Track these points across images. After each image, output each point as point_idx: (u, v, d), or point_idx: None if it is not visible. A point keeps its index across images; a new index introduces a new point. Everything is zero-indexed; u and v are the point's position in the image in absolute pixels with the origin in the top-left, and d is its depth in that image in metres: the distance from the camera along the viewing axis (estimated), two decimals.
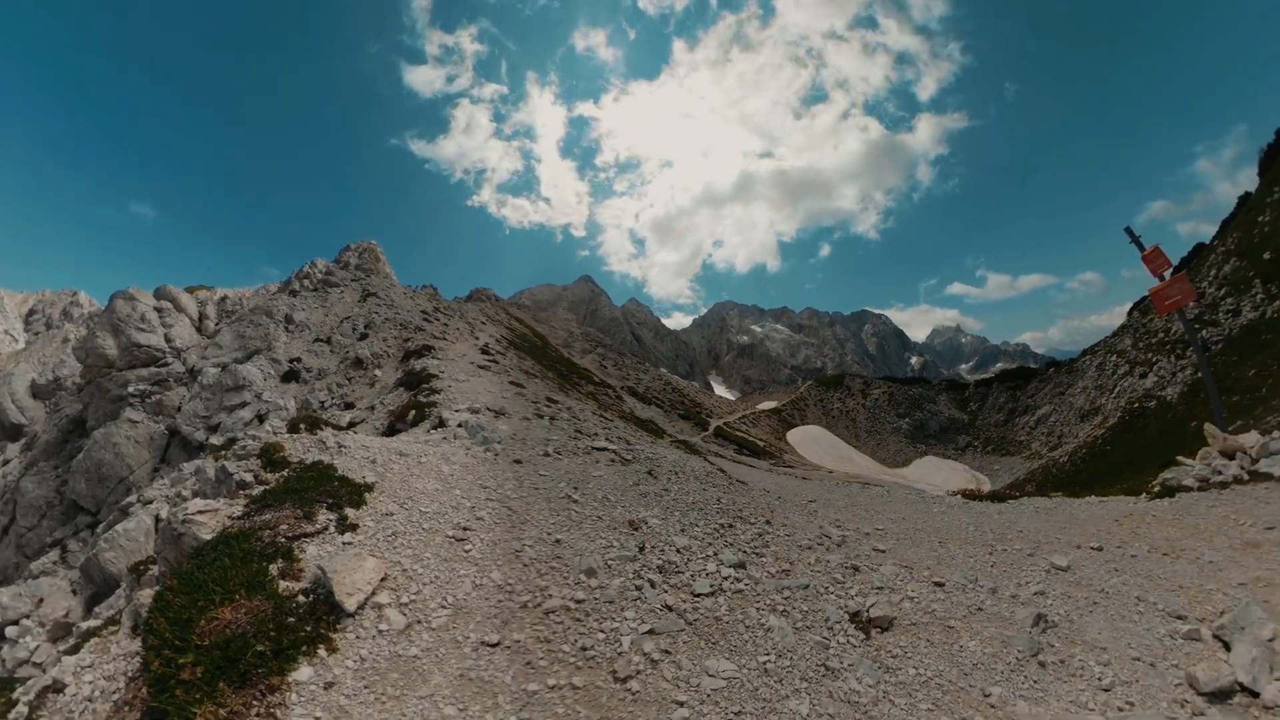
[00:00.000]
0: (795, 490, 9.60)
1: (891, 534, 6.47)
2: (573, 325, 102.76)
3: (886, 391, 69.60)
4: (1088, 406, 40.33)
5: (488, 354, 26.22)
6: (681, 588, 5.13)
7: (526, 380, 22.31)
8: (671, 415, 55.88)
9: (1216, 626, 4.02)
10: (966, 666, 4.13)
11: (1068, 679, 3.90)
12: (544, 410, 14.50)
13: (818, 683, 4.01)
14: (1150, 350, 33.48)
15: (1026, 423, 50.56)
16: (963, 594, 5.05)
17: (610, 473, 8.22)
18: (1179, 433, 18.53)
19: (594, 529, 5.95)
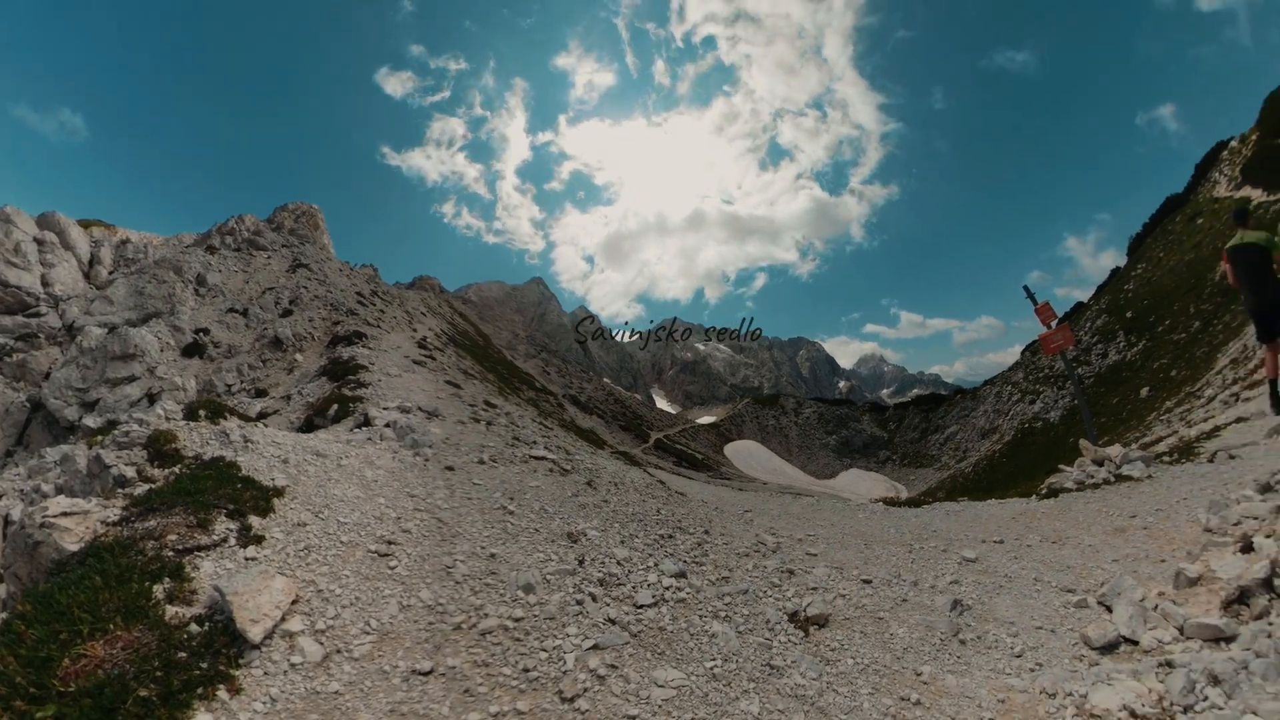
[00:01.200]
0: (732, 501, 9.80)
1: (822, 539, 6.78)
2: (518, 327, 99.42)
3: (817, 411, 76.40)
4: (988, 426, 47.93)
5: (425, 349, 23.84)
6: (624, 600, 5.02)
7: (464, 381, 20.55)
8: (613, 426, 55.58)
9: (1099, 595, 4.62)
10: (898, 651, 4.39)
11: (985, 651, 4.29)
12: (481, 414, 13.62)
13: (764, 682, 4.06)
14: (1038, 382, 41.63)
15: (937, 440, 57.83)
16: (889, 588, 5.38)
17: (549, 483, 7.96)
18: (1060, 447, 22.98)
19: (531, 542, 5.70)
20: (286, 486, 5.68)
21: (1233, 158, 32.42)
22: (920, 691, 3.89)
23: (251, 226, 36.35)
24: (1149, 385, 23.35)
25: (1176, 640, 3.85)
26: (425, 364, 20.17)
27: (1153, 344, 27.57)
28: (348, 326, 23.10)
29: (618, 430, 56.91)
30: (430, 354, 22.92)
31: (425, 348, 24.13)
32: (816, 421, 74.73)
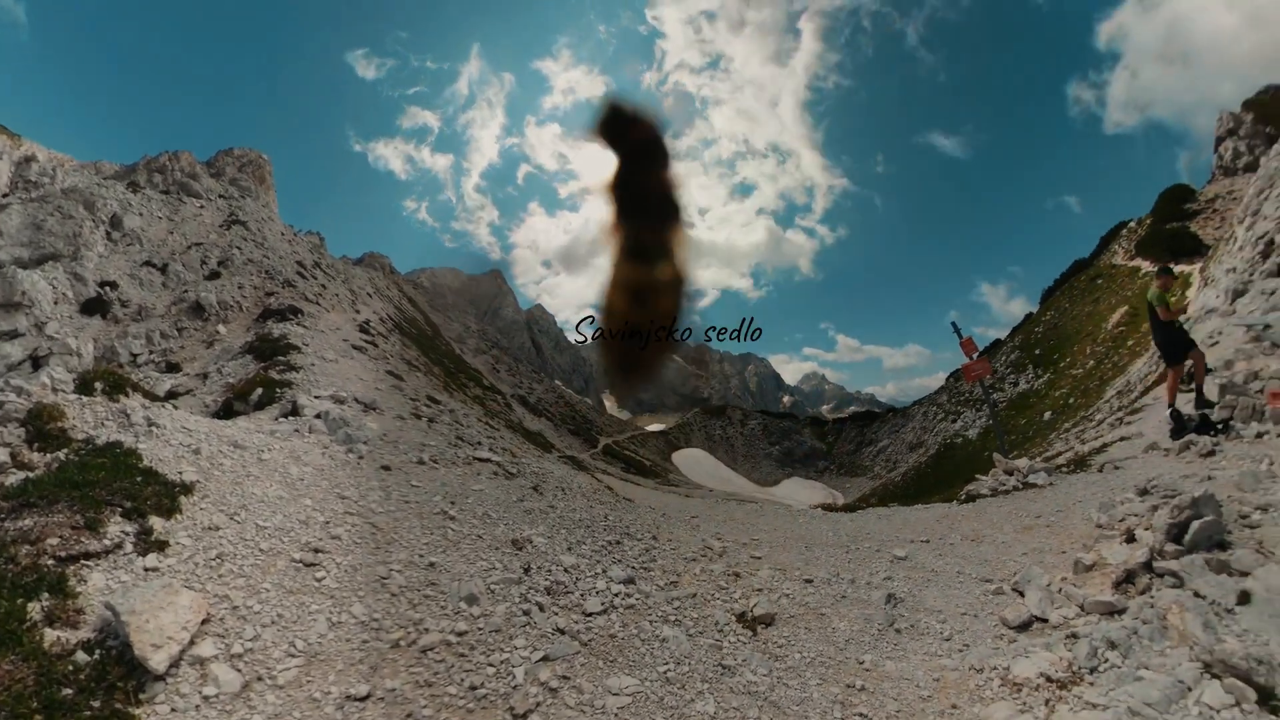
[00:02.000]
0: (679, 507, 9.88)
1: (765, 543, 6.99)
2: (471, 320, 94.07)
3: (762, 423, 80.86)
4: (915, 441, 53.42)
5: (367, 333, 21.70)
6: (572, 608, 4.91)
7: (408, 372, 18.90)
8: (561, 430, 54.31)
9: (1013, 583, 5.13)
10: (840, 643, 4.62)
11: (919, 638, 4.62)
12: (423, 410, 12.71)
13: (718, 681, 4.11)
14: (959, 404, 47.92)
15: (871, 452, 63.26)
16: (829, 586, 5.64)
17: (492, 486, 7.65)
18: (977, 460, 26.41)
19: (474, 549, 5.44)
20: (197, 482, 5.05)
21: (1130, 235, 40.42)
22: (864, 678, 4.12)
23: (187, 167, 31.23)
24: (1051, 410, 28.20)
25: (1079, 616, 4.37)
26: (366, 350, 18.31)
27: (1055, 376, 33.46)
28: (283, 299, 20.29)
29: (566, 434, 55.87)
30: (373, 339, 20.89)
31: (368, 332, 21.92)
32: (761, 432, 78.52)
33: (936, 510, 8.26)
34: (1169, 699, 3.18)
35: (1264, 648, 3.43)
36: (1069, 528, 6.10)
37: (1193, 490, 4.88)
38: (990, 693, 3.73)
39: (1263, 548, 4.50)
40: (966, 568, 5.71)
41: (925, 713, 3.69)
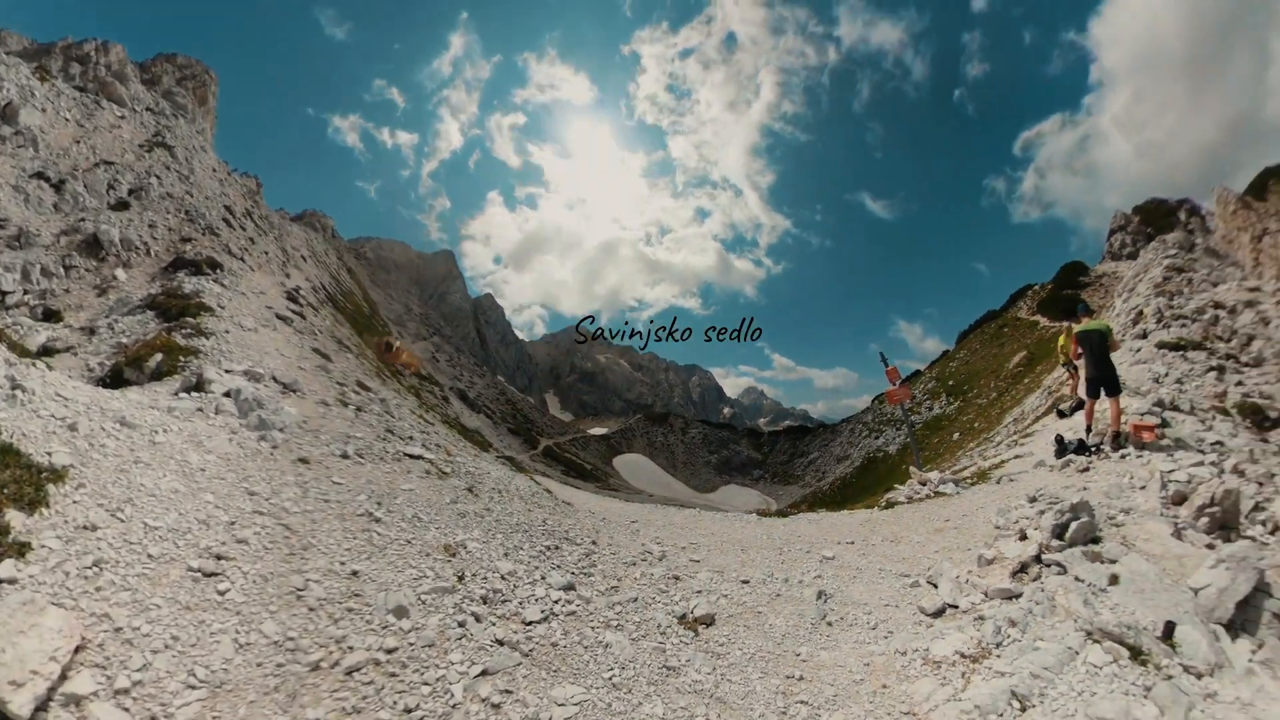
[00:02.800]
0: (619, 512, 9.82)
1: (704, 546, 7.16)
2: (414, 301, 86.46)
3: (702, 432, 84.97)
4: (842, 454, 58.76)
5: (295, 302, 19.17)
6: (511, 617, 4.71)
7: (337, 352, 16.88)
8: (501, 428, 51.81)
9: (928, 577, 5.65)
10: (778, 638, 4.83)
11: (848, 628, 4.94)
12: (351, 397, 11.41)
13: (664, 683, 4.12)
14: (882, 423, 54.23)
15: (802, 463, 68.34)
16: (764, 586, 5.87)
17: (424, 486, 7.17)
18: (896, 471, 29.54)
19: (402, 556, 5.07)
20: (71, 467, 4.25)
21: (1034, 295, 49.57)
22: (801, 669, 4.33)
23: (116, 64, 25.73)
24: (959, 432, 32.75)
25: (984, 601, 4.88)
26: (292, 322, 16.06)
27: (964, 404, 39.44)
28: (201, 248, 17.21)
29: (506, 433, 53.54)
30: (301, 310, 18.46)
31: (296, 301, 19.33)
32: (701, 441, 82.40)
33: (860, 515, 8.93)
34: (1061, 662, 3.68)
35: (1131, 616, 4.07)
36: (973, 529, 6.83)
37: (1072, 498, 5.76)
38: (914, 671, 4.08)
39: (1126, 541, 5.32)
40: (887, 565, 6.19)
41: (859, 694, 3.94)
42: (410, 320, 72.71)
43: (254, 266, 20.07)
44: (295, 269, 26.81)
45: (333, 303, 29.44)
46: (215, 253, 17.59)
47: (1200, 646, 3.62)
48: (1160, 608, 4.16)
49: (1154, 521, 5.58)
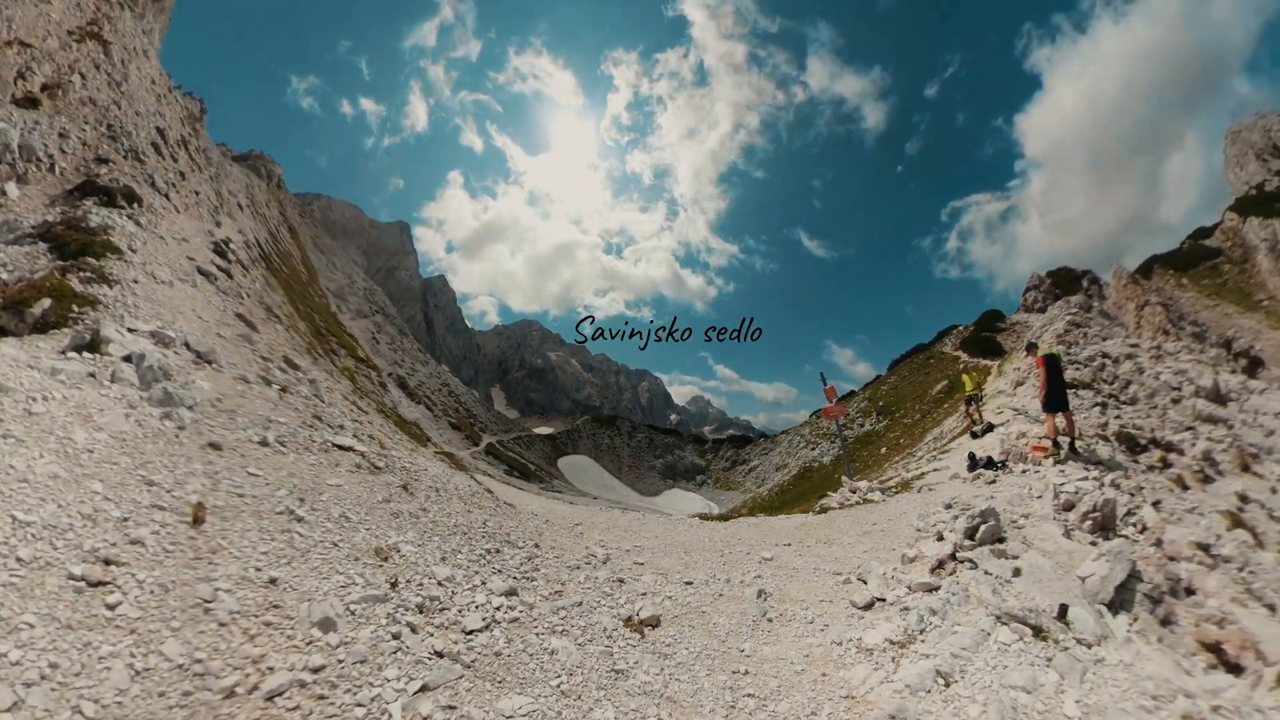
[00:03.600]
0: (563, 514, 9.63)
1: (648, 549, 7.21)
2: (358, 273, 77.73)
3: (648, 436, 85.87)
4: (781, 463, 62.95)
5: (223, 256, 16.61)
6: (450, 626, 4.48)
7: (265, 322, 14.88)
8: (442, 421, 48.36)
9: (857, 574, 6.06)
10: (722, 636, 4.96)
11: (788, 624, 5.16)
12: (275, 375, 10.13)
13: (613, 687, 4.10)
14: (819, 436, 58.77)
15: (743, 470, 71.85)
16: (707, 587, 6.02)
17: (354, 482, 6.65)
18: (830, 480, 32.23)
19: (327, 560, 4.66)
20: None
21: (958, 334, 56.33)
22: (746, 664, 4.48)
23: None
24: (887, 447, 36.35)
25: (908, 594, 5.31)
26: (216, 279, 13.90)
27: (892, 423, 44.20)
28: (120, 174, 14.22)
29: (446, 427, 50.15)
30: (229, 267, 16.05)
31: (224, 255, 16.72)
32: (647, 445, 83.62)
33: (797, 520, 9.45)
34: (976, 643, 4.14)
35: (1032, 602, 4.62)
36: (897, 531, 7.41)
37: (981, 505, 6.50)
38: (850, 659, 4.37)
39: (1025, 541, 6.08)
40: (822, 564, 6.56)
41: (802, 684, 4.14)
42: (352, 294, 66.37)
43: (180, 207, 17.20)
44: (229, 217, 23.33)
45: (266, 263, 26.10)
46: (136, 183, 14.74)
47: (1089, 623, 4.21)
48: (1055, 593, 4.77)
49: (1048, 524, 6.50)
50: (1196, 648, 4.15)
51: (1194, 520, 8.06)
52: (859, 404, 53.39)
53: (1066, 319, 21.94)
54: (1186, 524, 7.79)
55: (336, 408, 11.15)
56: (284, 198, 64.93)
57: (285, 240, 45.32)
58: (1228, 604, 5.02)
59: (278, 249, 36.33)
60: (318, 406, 10.01)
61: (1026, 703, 3.46)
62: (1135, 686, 3.52)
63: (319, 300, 41.05)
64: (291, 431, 7.50)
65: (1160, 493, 8.89)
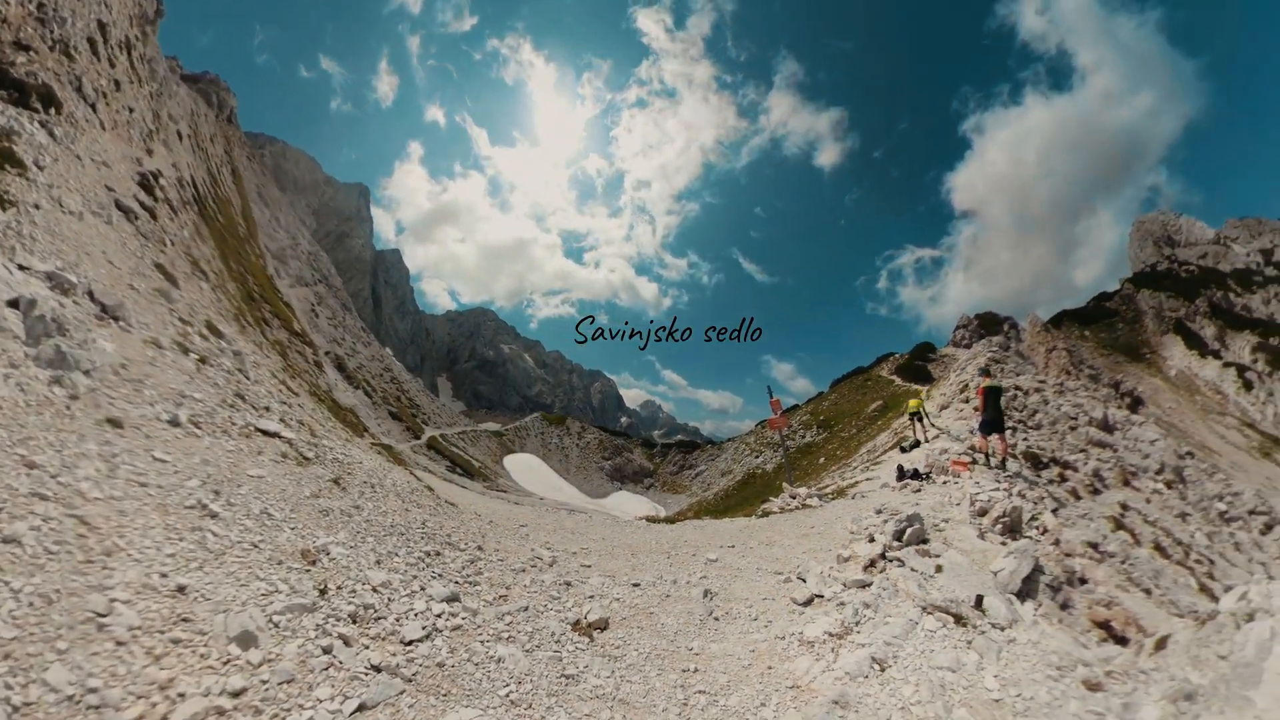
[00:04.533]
0: (508, 515, 9.32)
1: (595, 551, 7.18)
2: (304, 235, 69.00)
3: (598, 438, 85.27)
4: (726, 469, 65.53)
5: (150, 192, 14.08)
6: (387, 637, 4.21)
7: (188, 277, 12.81)
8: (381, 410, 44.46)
9: (797, 573, 6.39)
10: (670, 635, 5.04)
11: (733, 621, 5.34)
12: (195, 341, 8.80)
13: (564, 693, 4.04)
14: (763, 445, 61.81)
15: (690, 474, 74.01)
16: (655, 588, 6.09)
17: (278, 474, 6.08)
18: (771, 486, 33.55)
19: (246, 564, 4.22)
20: None
21: (894, 361, 62.86)
22: (695, 662, 4.59)
23: None
24: (825, 457, 39.35)
25: (844, 590, 5.67)
26: (137, 218, 11.76)
27: (830, 436, 47.66)
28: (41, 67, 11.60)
29: (386, 417, 46.32)
30: (154, 206, 13.62)
31: (151, 191, 14.17)
32: (596, 446, 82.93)
33: (740, 523, 9.85)
34: (906, 631, 4.55)
35: (953, 594, 5.09)
36: (833, 534, 7.89)
37: (908, 510, 7.20)
38: (793, 652, 4.60)
39: (946, 541, 6.74)
40: (764, 565, 6.83)
41: (750, 677, 4.29)
42: (294, 258, 59.38)
43: (107, 123, 14.49)
44: (164, 146, 19.94)
45: (200, 207, 22.52)
46: (59, 83, 12.29)
47: (1001, 610, 4.72)
48: (972, 586, 5.28)
49: (965, 527, 7.30)
50: (1090, 626, 4.78)
51: (1085, 524, 9.32)
52: (801, 417, 57.18)
53: (987, 355, 25.63)
54: (1079, 527, 9.02)
55: (263, 386, 9.98)
56: (233, 135, 56.82)
57: (226, 184, 39.37)
58: (1113, 590, 5.80)
59: (216, 193, 31.55)
60: (241, 383, 8.89)
61: (952, 680, 3.81)
62: (1042, 660, 3.99)
63: (255, 260, 36.36)
64: (209, 410, 6.69)
65: (1058, 501, 10.31)
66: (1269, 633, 3.03)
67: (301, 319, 42.71)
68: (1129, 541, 9.18)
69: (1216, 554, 12.32)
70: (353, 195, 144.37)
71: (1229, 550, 13.39)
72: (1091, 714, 3.23)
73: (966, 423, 16.68)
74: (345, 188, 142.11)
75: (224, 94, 57.89)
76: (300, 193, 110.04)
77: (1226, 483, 17.74)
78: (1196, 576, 9.74)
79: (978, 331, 58.85)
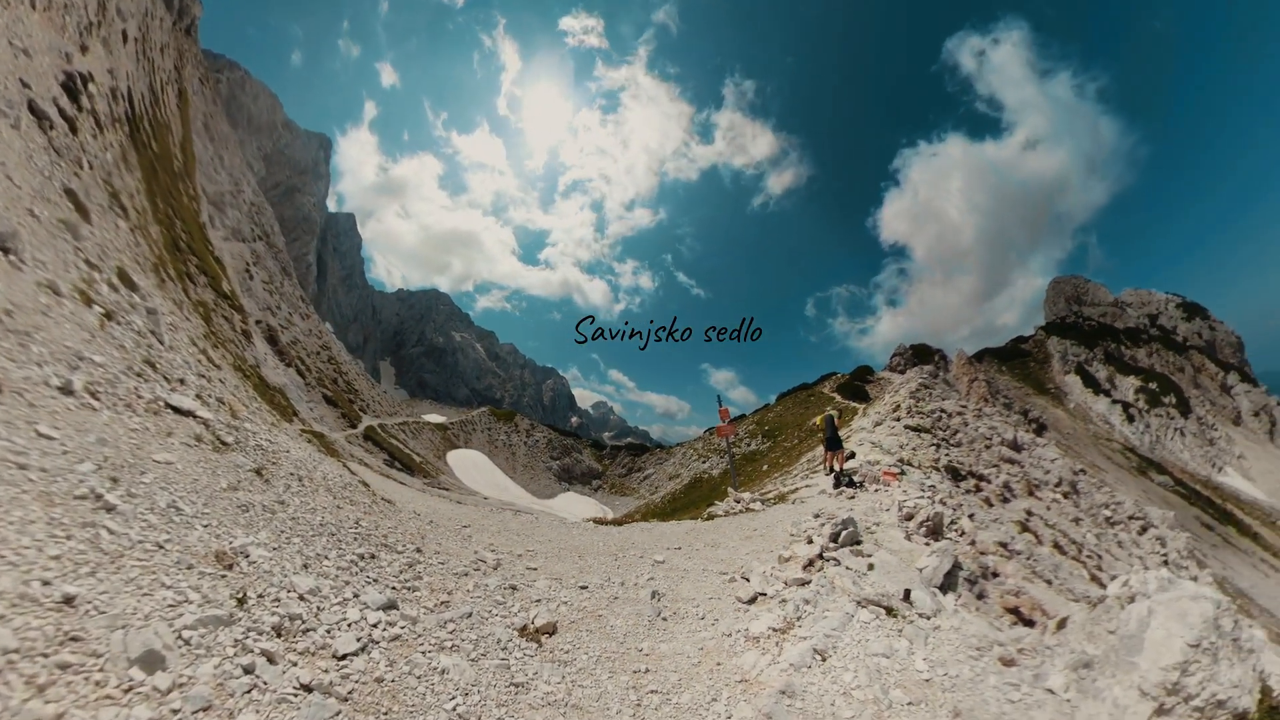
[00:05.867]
0: (449, 514, 8.87)
1: (541, 553, 7.06)
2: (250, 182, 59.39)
3: (548, 436, 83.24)
4: (674, 473, 67.52)
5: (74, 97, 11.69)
6: (318, 652, 3.81)
7: (104, 211, 10.81)
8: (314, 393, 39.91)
9: (741, 572, 6.63)
10: (620, 637, 5.05)
11: (681, 621, 5.44)
12: (102, 291, 7.49)
13: (514, 702, 3.91)
14: (710, 451, 64.91)
15: (639, 477, 75.28)
16: (603, 590, 6.07)
17: (190, 460, 5.37)
18: (717, 490, 35.61)
19: (149, 569, 3.64)
20: None
21: (836, 380, 68.14)
22: (645, 662, 4.63)
23: None
24: (768, 464, 41.55)
25: (785, 588, 5.98)
26: (53, 128, 9.81)
27: (773, 445, 50.32)
28: None
29: (320, 400, 41.53)
30: (76, 117, 11.30)
31: (76, 97, 11.77)
32: (545, 445, 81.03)
33: (686, 525, 10.07)
34: (843, 624, 4.90)
35: (884, 588, 5.53)
36: (775, 536, 8.24)
37: (843, 514, 7.78)
38: (740, 647, 4.77)
39: (877, 542, 7.33)
40: (709, 565, 7.01)
41: (700, 674, 4.39)
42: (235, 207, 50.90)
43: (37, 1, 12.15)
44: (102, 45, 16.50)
45: (131, 128, 18.89)
46: None
47: (926, 601, 5.18)
48: (901, 581, 5.72)
49: (894, 530, 8.02)
50: (1002, 612, 5.35)
51: (997, 526, 10.44)
52: (748, 426, 60.09)
53: (918, 381, 29.44)
54: (991, 529, 10.08)
55: (180, 354, 8.74)
56: (189, 50, 47.93)
57: (169, 107, 33.12)
58: (1021, 581, 6.48)
59: (155, 115, 26.49)
60: (153, 348, 7.70)
61: (887, 665, 4.12)
62: (964, 643, 4.41)
63: (188, 203, 31.40)
64: (111, 378, 5.74)
65: (974, 508, 11.57)
66: (1146, 611, 3.55)
67: (233, 279, 38.04)
68: (1033, 541, 10.40)
69: (1103, 551, 14.36)
70: (312, 145, 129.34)
71: (1113, 547, 15.65)
72: (1008, 685, 3.67)
73: (897, 439, 18.71)
74: (305, 136, 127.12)
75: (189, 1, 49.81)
76: (254, 133, 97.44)
77: (1111, 494, 21.07)
78: (1088, 569, 11.25)
79: (912, 360, 65.88)
